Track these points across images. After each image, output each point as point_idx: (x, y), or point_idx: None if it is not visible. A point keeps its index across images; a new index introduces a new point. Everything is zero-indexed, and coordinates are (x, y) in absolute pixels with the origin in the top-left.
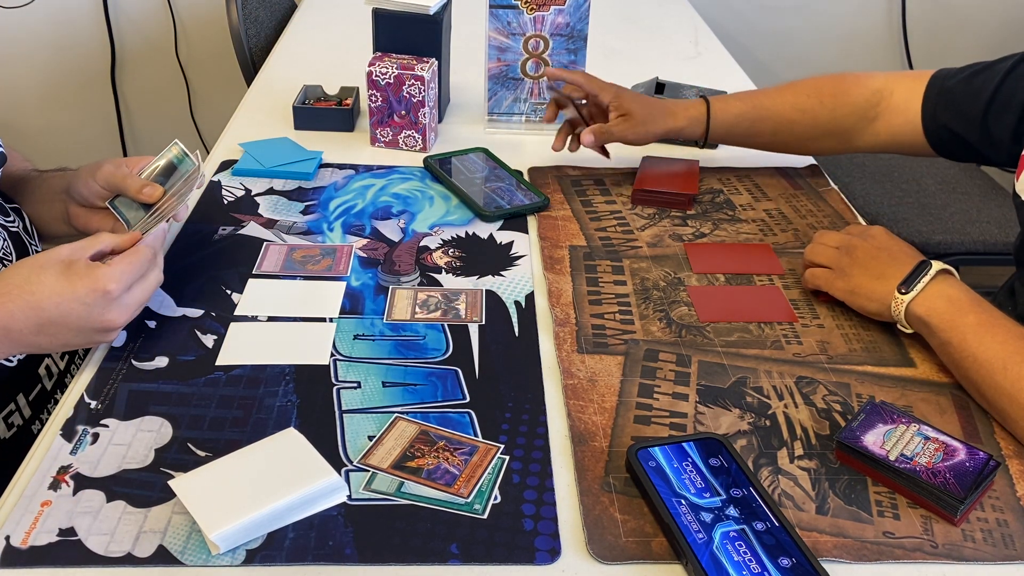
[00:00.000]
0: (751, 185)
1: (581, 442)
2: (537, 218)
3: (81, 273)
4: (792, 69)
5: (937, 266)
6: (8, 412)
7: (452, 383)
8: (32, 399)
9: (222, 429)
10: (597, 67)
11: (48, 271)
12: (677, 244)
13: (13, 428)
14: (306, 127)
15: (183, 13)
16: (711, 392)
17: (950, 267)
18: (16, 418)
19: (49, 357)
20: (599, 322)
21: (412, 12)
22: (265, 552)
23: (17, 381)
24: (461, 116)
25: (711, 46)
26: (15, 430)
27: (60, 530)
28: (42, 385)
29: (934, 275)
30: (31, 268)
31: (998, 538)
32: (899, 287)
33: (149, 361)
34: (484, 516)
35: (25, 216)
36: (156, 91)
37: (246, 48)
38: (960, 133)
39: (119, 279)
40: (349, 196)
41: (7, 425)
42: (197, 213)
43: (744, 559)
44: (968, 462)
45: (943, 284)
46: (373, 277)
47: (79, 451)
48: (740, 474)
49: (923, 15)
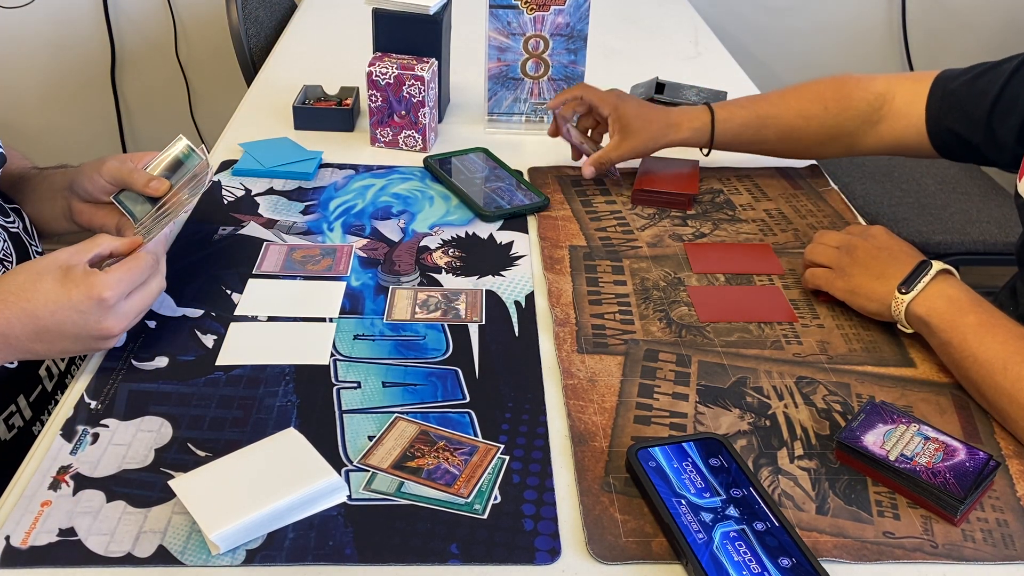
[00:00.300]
0: (751, 185)
1: (581, 442)
2: (537, 218)
3: (78, 280)
4: (792, 69)
5: (937, 266)
6: (9, 414)
7: (452, 383)
8: (33, 400)
9: (222, 429)
10: (597, 67)
11: (45, 277)
12: (677, 244)
13: (14, 430)
14: (306, 127)
15: (183, 13)
16: (711, 392)
17: (950, 267)
18: (17, 419)
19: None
20: (599, 322)
21: (412, 12)
22: (265, 552)
23: (17, 382)
24: (461, 116)
25: (711, 46)
26: (16, 431)
27: (60, 530)
28: (42, 386)
29: (934, 275)
30: (28, 274)
31: (998, 538)
32: (899, 287)
33: (149, 361)
34: (484, 516)
35: (25, 216)
36: (156, 91)
37: (246, 48)
38: (964, 135)
39: (115, 287)
40: (349, 196)
41: (7, 427)
42: (197, 213)
43: (744, 559)
44: (968, 462)
45: (943, 284)
46: (373, 277)
47: (79, 451)
48: (740, 474)
49: (923, 15)
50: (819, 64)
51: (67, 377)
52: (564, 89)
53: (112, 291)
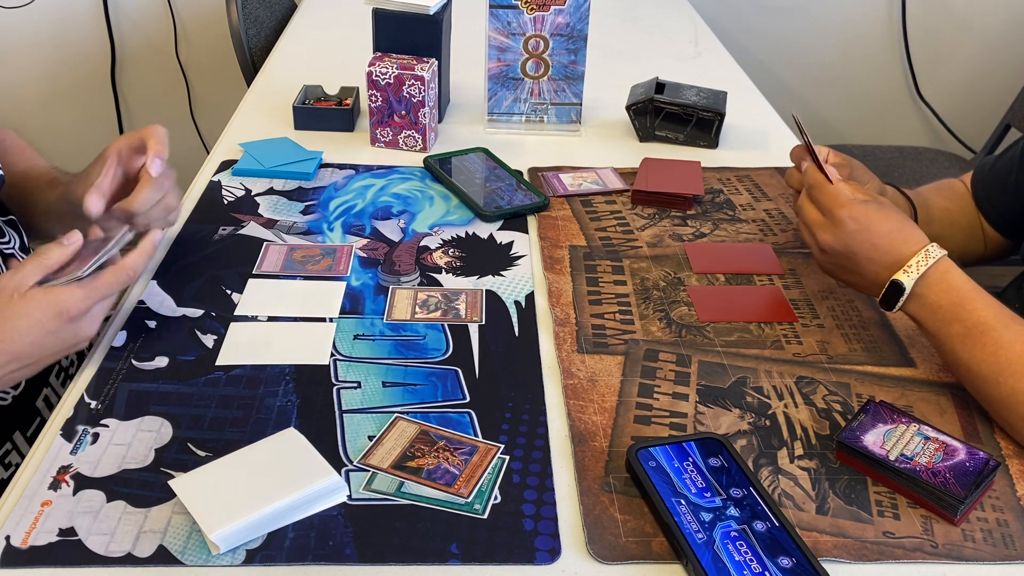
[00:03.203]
0: (751, 185)
1: (581, 442)
2: (537, 218)
3: (42, 302)
4: (792, 69)
5: (909, 281)
6: (5, 452)
7: (452, 383)
8: (31, 435)
9: (222, 429)
10: (597, 67)
11: (4, 311)
12: (677, 244)
13: (11, 468)
14: (306, 127)
15: (183, 13)
16: (711, 392)
17: (926, 264)
18: (14, 456)
19: (48, 387)
20: (599, 322)
21: (412, 12)
22: (265, 552)
23: (13, 418)
24: (461, 116)
25: (711, 46)
26: (14, 469)
27: (60, 530)
28: (41, 418)
29: (909, 293)
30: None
31: (998, 538)
32: (880, 303)
33: (149, 361)
34: (484, 516)
35: (23, 232)
36: (156, 91)
37: (246, 48)
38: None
39: (81, 303)
40: (349, 196)
41: (4, 465)
42: (197, 213)
43: (744, 559)
44: (968, 462)
45: (922, 291)
46: (373, 277)
47: (79, 451)
48: (740, 474)
49: (923, 15)
50: (819, 64)
51: None
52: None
53: (78, 308)
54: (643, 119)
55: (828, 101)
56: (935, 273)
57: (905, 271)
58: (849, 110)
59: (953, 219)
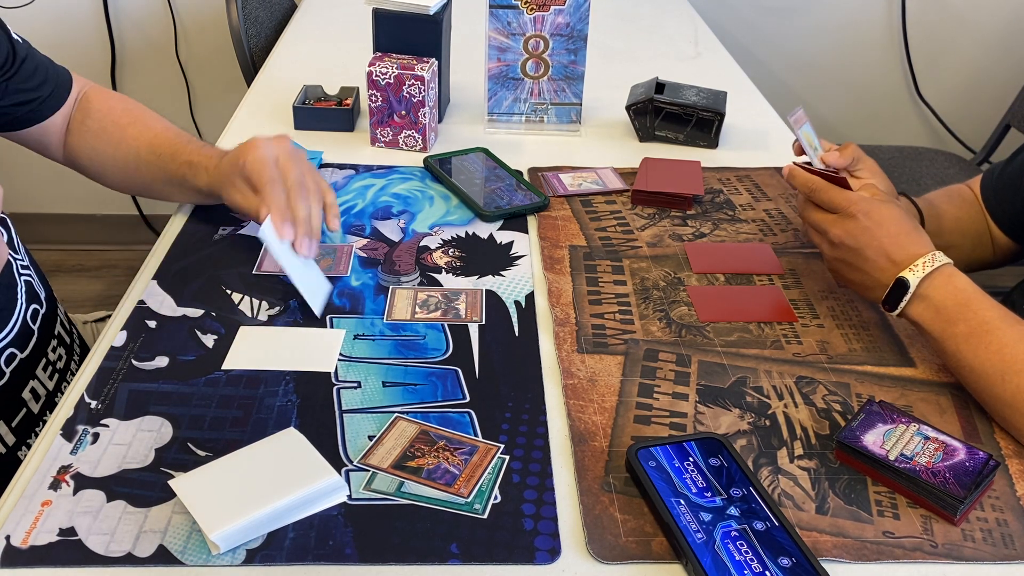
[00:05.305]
0: (751, 185)
1: (581, 442)
2: (537, 218)
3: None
4: (792, 69)
5: (915, 279)
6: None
7: (452, 383)
8: (16, 425)
9: (222, 429)
10: (597, 67)
11: None
12: (677, 244)
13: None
14: (306, 127)
15: (183, 13)
16: (711, 392)
17: (930, 266)
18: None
19: (35, 379)
20: (599, 322)
21: (412, 12)
22: (265, 552)
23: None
24: (461, 116)
25: (711, 46)
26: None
27: (60, 530)
28: (27, 409)
29: (913, 293)
30: None
31: (998, 538)
32: (883, 304)
33: (149, 361)
34: (484, 516)
35: (11, 227)
36: (156, 91)
37: (246, 48)
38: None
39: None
40: (349, 196)
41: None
42: (197, 213)
43: (744, 559)
44: (968, 462)
45: (928, 291)
46: (373, 277)
47: (79, 451)
48: (740, 474)
49: (923, 15)
50: (819, 64)
51: (56, 396)
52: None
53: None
54: (643, 119)
55: (828, 101)
56: (940, 275)
57: (911, 269)
58: (849, 110)
59: (963, 228)
